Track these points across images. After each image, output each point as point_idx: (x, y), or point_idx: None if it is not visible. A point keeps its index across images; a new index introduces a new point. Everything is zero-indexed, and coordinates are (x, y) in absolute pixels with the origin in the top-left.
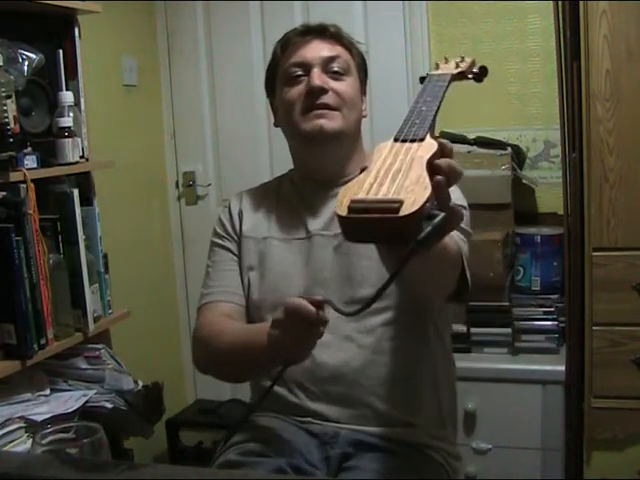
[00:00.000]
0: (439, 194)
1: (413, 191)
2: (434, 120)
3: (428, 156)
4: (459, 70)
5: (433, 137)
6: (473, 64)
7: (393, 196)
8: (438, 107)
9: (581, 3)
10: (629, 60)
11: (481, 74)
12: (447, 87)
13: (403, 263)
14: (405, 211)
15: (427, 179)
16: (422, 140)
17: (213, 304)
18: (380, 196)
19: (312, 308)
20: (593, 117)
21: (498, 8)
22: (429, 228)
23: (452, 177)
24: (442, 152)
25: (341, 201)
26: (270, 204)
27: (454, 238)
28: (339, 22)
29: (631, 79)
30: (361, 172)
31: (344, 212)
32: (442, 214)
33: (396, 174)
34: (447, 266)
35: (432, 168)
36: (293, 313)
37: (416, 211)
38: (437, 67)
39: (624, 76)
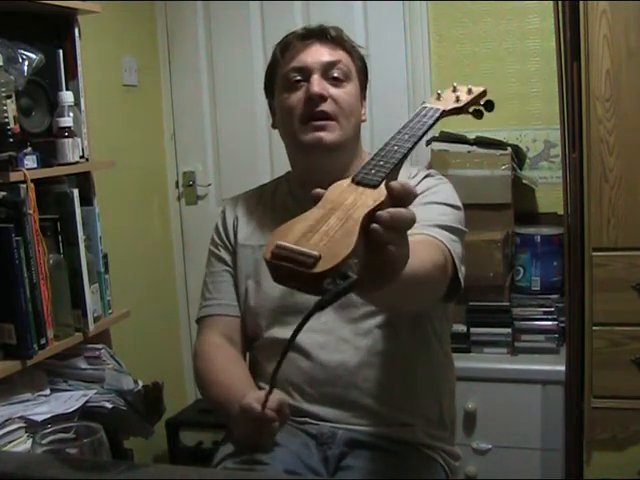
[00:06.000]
0: (374, 243)
1: (337, 246)
2: (401, 162)
3: (369, 208)
4: (454, 106)
5: (390, 184)
6: (481, 95)
7: (314, 249)
8: (412, 147)
9: (581, 3)
10: (629, 60)
11: (487, 108)
12: (432, 125)
13: (304, 322)
14: (318, 268)
15: (354, 237)
16: (375, 187)
17: (212, 319)
18: (301, 247)
19: (258, 410)
20: (593, 117)
21: (498, 8)
22: (331, 294)
23: (395, 227)
24: (394, 200)
25: (272, 242)
26: (266, 209)
27: (432, 251)
28: (339, 22)
29: (631, 79)
30: (316, 202)
31: (267, 256)
32: (352, 279)
33: (333, 222)
34: (421, 287)
35: (374, 218)
36: (244, 412)
37: (327, 270)
38: (438, 97)
39: (624, 76)
